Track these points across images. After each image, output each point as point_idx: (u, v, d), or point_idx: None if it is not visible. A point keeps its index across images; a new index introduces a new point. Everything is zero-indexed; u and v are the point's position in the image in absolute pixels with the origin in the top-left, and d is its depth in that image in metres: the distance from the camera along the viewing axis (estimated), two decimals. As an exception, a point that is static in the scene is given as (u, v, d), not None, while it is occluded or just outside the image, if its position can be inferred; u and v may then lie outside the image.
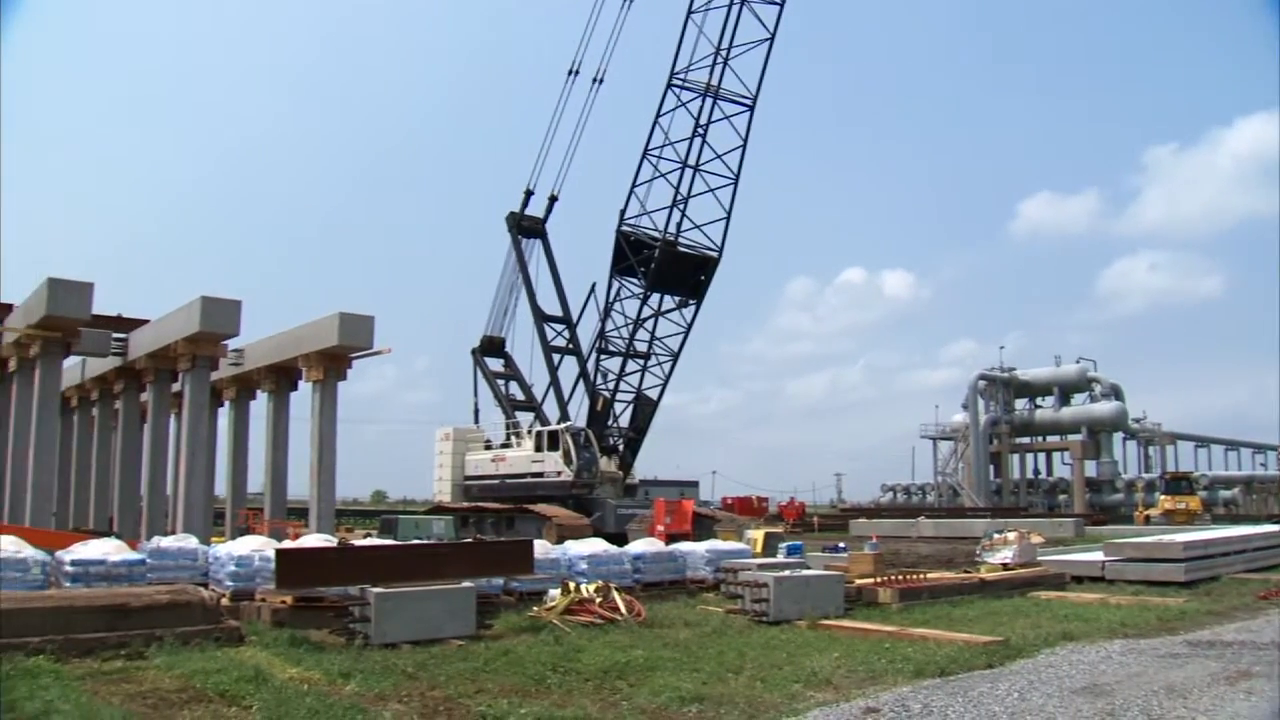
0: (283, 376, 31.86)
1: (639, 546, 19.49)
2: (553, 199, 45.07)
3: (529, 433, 41.37)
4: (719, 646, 12.01)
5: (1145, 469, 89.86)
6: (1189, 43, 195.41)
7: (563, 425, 39.94)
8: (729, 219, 39.21)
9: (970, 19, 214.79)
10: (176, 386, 29.92)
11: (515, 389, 45.65)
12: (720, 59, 37.58)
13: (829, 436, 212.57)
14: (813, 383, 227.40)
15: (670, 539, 24.78)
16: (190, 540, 17.43)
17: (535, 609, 14.40)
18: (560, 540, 22.18)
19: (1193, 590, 18.92)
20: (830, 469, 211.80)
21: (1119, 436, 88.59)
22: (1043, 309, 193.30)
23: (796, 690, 9.46)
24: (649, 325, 40.82)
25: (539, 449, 39.43)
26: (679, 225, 39.18)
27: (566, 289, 44.65)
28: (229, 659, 10.46)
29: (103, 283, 26.37)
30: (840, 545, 32.44)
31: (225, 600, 14.14)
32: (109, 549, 15.19)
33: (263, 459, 32.59)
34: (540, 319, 43.44)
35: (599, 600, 14.34)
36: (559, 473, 38.13)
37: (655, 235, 39.66)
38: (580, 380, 42.75)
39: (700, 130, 38.33)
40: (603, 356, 41.67)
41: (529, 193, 45.02)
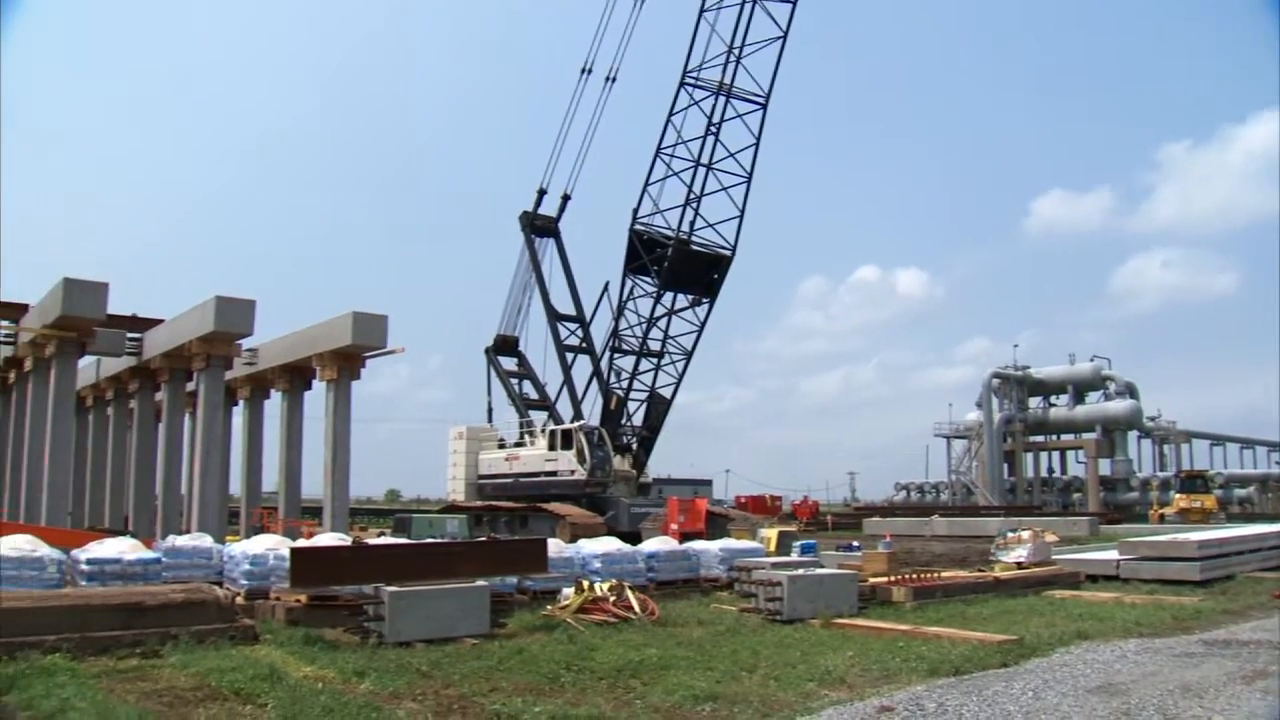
0: (297, 376, 31.95)
1: (653, 545, 19.49)
2: (566, 198, 45.07)
3: (542, 431, 41.37)
4: (733, 645, 12.01)
5: (1160, 467, 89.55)
6: (1202, 39, 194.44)
7: (576, 424, 39.90)
8: (742, 217, 39.11)
9: (983, 16, 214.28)
10: (191, 386, 30.02)
11: (529, 388, 45.66)
12: (733, 57, 37.46)
13: (842, 435, 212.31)
14: (826, 381, 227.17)
15: (684, 537, 24.79)
16: (205, 539, 17.49)
17: (549, 608, 14.41)
18: (574, 539, 22.17)
19: (1208, 589, 18.83)
20: (844, 467, 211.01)
21: (1134, 435, 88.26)
22: (1057, 307, 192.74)
23: (810, 689, 9.45)
24: (662, 324, 40.76)
25: (552, 448, 39.42)
26: (692, 224, 39.08)
27: (580, 288, 44.64)
28: (244, 657, 10.49)
29: (118, 283, 26.54)
30: (854, 544, 32.39)
31: (240, 599, 14.19)
32: (124, 548, 15.25)
33: (277, 458, 32.70)
34: (554, 318, 43.43)
35: (613, 599, 14.34)
36: (573, 471, 38.11)
37: (668, 234, 39.57)
38: (594, 379, 42.75)
39: (713, 128, 38.24)
40: (616, 355, 41.61)
41: (542, 191, 45.02)
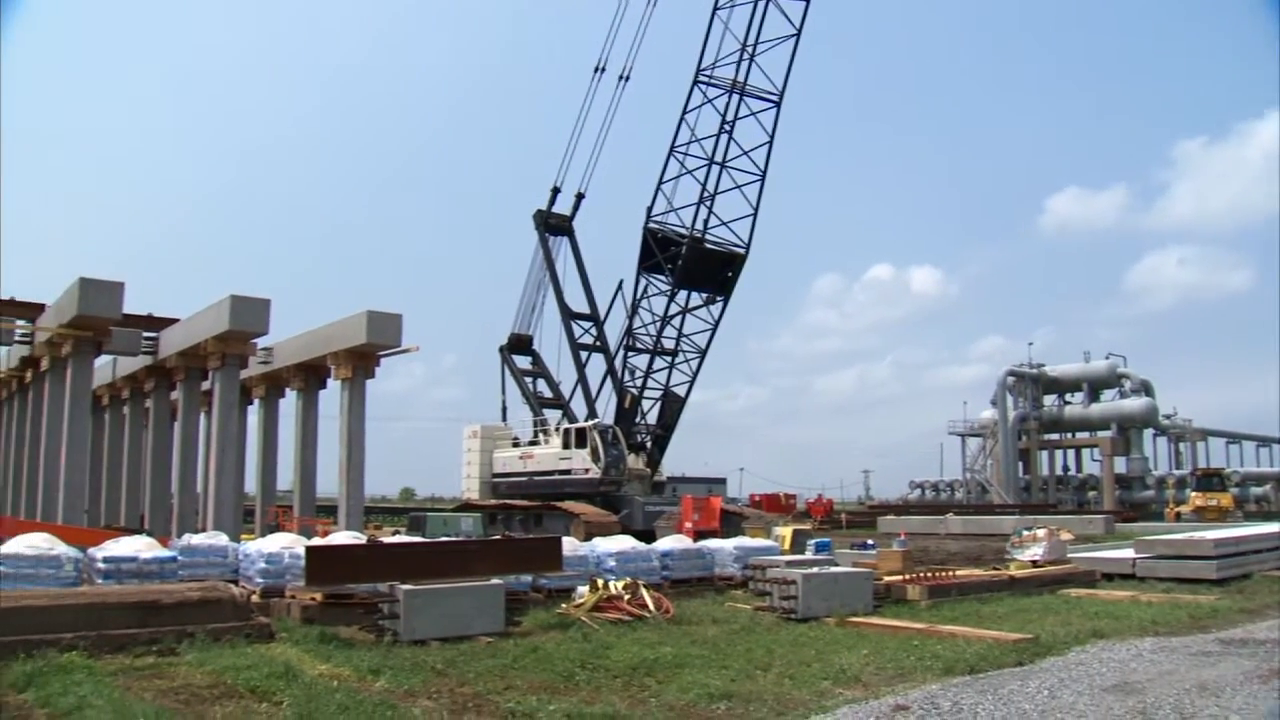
0: (311, 374, 32.04)
1: (667, 543, 19.49)
2: (580, 196, 45.06)
3: (557, 430, 41.37)
4: (747, 643, 12.00)
5: (1176, 465, 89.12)
6: (1217, 35, 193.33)
7: (590, 422, 39.91)
8: (756, 215, 39.08)
9: (996, 13, 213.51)
10: (206, 385, 30.13)
11: (543, 386, 45.65)
12: (746, 55, 37.43)
13: (856, 433, 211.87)
14: (840, 379, 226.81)
15: (698, 536, 24.78)
16: (221, 537, 17.55)
17: (563, 606, 14.43)
18: (588, 537, 22.18)
19: (1224, 588, 18.76)
20: (858, 465, 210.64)
21: (1149, 433, 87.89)
22: (1071, 305, 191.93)
23: (825, 687, 9.44)
24: (676, 322, 40.77)
25: (567, 446, 39.46)
26: (706, 222, 39.05)
27: (594, 286, 44.56)
28: (259, 655, 10.54)
29: (133, 282, 26.63)
30: (868, 542, 32.32)
31: (255, 597, 14.24)
32: (140, 546, 15.33)
33: (292, 457, 32.80)
34: (568, 316, 43.42)
35: (627, 597, 14.35)
36: (587, 470, 38.13)
37: (682, 232, 39.57)
38: (608, 377, 42.74)
39: (727, 127, 38.22)
40: (630, 354, 41.66)
41: (556, 190, 45.02)
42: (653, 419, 41.71)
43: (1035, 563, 20.65)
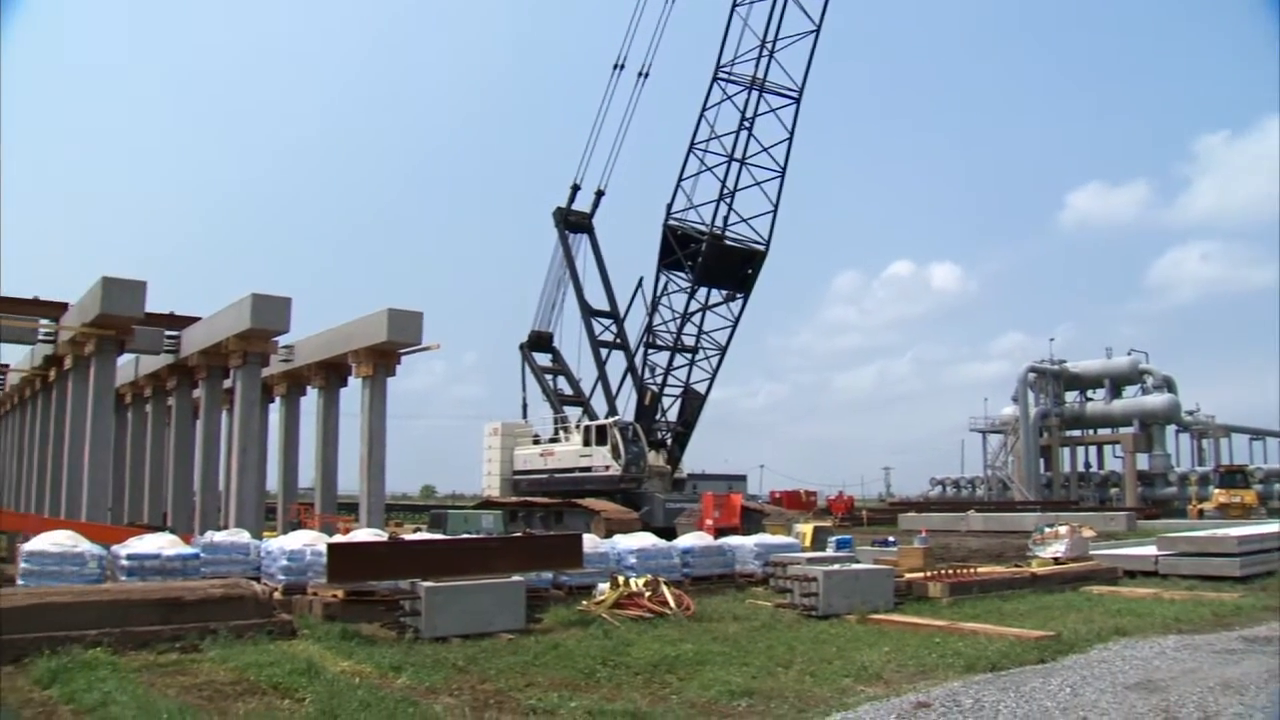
0: (332, 372, 32.11)
1: (687, 540, 19.50)
2: (599, 194, 45.17)
3: (577, 427, 41.46)
4: (768, 641, 11.99)
5: (1199, 462, 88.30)
6: (1238, 28, 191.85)
7: (611, 420, 39.97)
8: (776, 212, 39.02)
9: (1017, 6, 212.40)
10: (228, 383, 30.25)
11: (563, 384, 45.74)
12: (765, 52, 37.38)
13: (877, 430, 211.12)
14: (860, 376, 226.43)
15: (719, 533, 24.80)
16: (243, 535, 17.66)
17: (584, 603, 14.46)
18: (609, 534, 22.22)
19: (1248, 585, 18.64)
20: (878, 462, 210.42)
21: (1171, 429, 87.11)
22: (1093, 301, 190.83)
23: (846, 685, 9.43)
24: (696, 319, 40.79)
25: (587, 444, 39.52)
26: (726, 219, 39.06)
27: (614, 283, 44.69)
28: (282, 652, 10.59)
29: (155, 281, 26.74)
30: (889, 539, 32.13)
31: (278, 594, 14.34)
32: (163, 544, 15.45)
33: (313, 454, 32.88)
34: (588, 314, 43.48)
35: (648, 594, 14.36)
36: (607, 467, 38.18)
37: (702, 229, 39.55)
38: (628, 374, 42.81)
39: (746, 123, 38.18)
40: (650, 351, 41.66)
41: (576, 187, 45.12)
42: (673, 416, 41.73)
43: (1057, 560, 20.57)
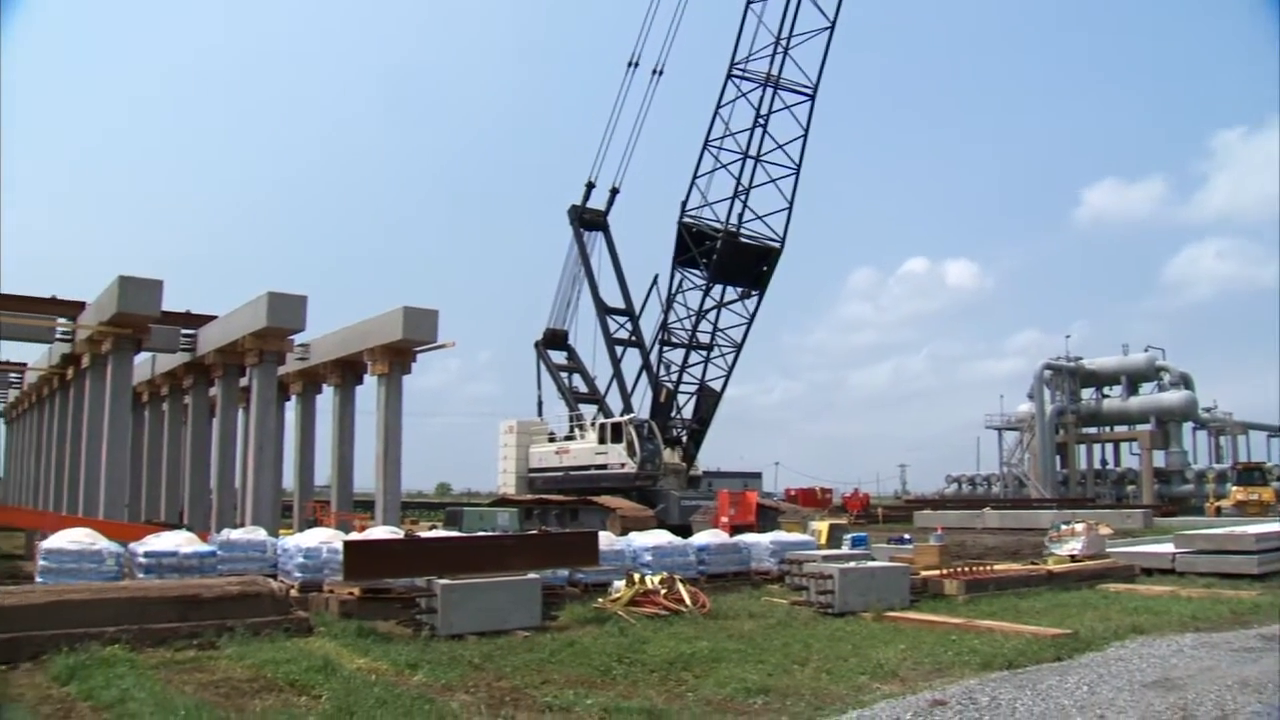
0: (348, 370, 32.16)
1: (703, 538, 19.51)
2: (614, 191, 45.12)
3: (592, 425, 41.39)
4: (784, 638, 11.98)
5: (1216, 459, 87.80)
6: (1254, 23, 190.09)
7: (626, 417, 39.93)
8: (791, 209, 38.83)
9: (1031, 1, 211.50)
10: (244, 381, 30.33)
11: (578, 381, 45.66)
12: (780, 48, 37.22)
13: (892, 427, 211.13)
14: (876, 373, 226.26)
15: (734, 530, 24.77)
16: (259, 532, 17.73)
17: (600, 600, 14.48)
18: (624, 532, 22.22)
19: (1266, 583, 18.54)
20: (894, 459, 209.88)
21: (1188, 426, 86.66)
22: (1109, 297, 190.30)
23: (862, 682, 9.42)
24: (711, 316, 40.61)
25: (602, 441, 39.47)
26: (740, 216, 38.91)
27: (629, 281, 44.56)
28: (298, 649, 10.63)
29: (172, 280, 26.79)
30: (905, 536, 32.03)
31: (294, 591, 14.39)
32: (180, 541, 15.53)
33: (329, 452, 32.94)
34: (603, 311, 43.43)
35: (664, 592, 14.36)
36: (623, 465, 38.13)
37: (717, 226, 39.45)
38: (643, 372, 42.74)
39: (761, 120, 38.04)
40: (665, 348, 41.56)
41: (590, 185, 45.06)
42: (688, 413, 41.64)
43: (1073, 557, 20.50)
